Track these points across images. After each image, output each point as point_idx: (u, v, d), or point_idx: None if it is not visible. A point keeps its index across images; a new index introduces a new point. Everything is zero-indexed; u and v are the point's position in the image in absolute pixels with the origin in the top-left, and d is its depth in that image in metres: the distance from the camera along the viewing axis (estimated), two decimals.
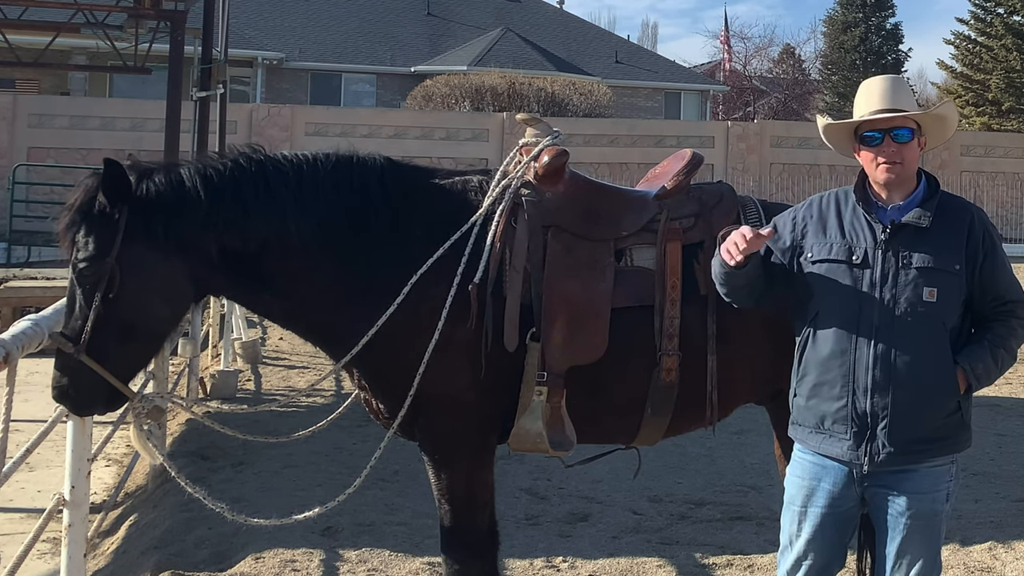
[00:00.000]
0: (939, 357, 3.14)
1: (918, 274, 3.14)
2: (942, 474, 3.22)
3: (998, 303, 3.21)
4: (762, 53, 48.16)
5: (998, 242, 3.28)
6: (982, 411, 8.81)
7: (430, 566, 4.99)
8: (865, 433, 3.15)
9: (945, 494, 3.24)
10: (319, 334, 3.90)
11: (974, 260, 3.19)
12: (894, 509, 3.20)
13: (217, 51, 13.11)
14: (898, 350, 3.12)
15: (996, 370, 3.21)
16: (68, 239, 3.52)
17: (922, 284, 3.14)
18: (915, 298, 3.13)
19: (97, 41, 14.71)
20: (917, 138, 3.24)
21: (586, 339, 3.71)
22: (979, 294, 3.20)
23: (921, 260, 3.15)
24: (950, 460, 3.24)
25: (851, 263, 3.20)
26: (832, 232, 3.27)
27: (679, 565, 5.18)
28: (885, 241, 3.18)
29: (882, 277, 3.16)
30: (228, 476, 6.50)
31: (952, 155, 27.31)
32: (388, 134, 24.18)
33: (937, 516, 3.23)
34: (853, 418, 3.16)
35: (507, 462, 6.25)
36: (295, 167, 3.74)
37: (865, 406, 3.14)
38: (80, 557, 4.26)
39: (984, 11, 35.01)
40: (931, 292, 3.13)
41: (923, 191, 3.26)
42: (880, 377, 3.13)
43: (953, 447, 3.23)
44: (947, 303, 3.15)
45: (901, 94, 3.26)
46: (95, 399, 3.59)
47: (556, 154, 3.85)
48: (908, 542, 3.19)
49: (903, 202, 3.23)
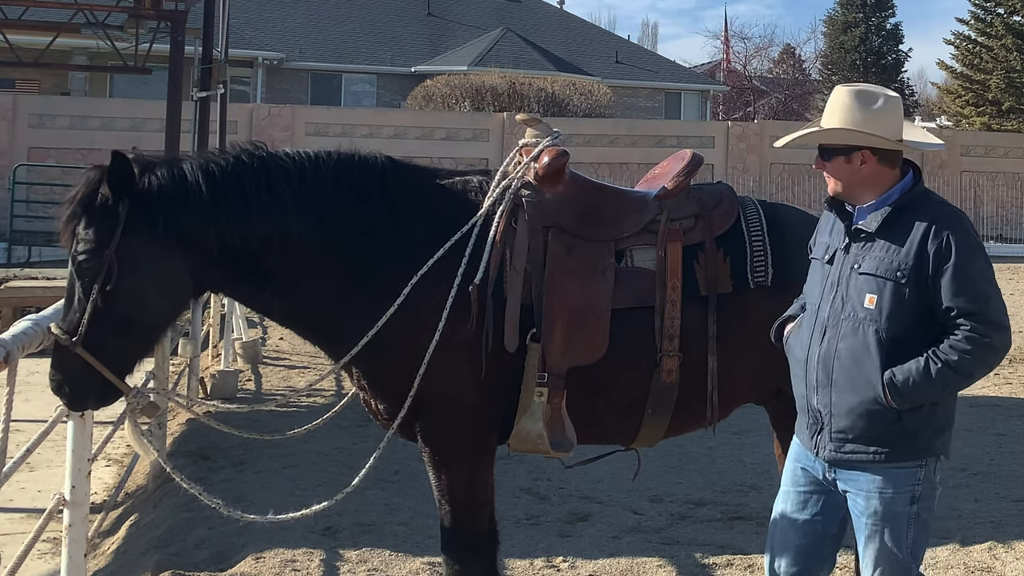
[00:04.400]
0: (870, 366, 3.08)
1: (863, 279, 3.13)
2: (905, 476, 3.15)
3: (952, 316, 3.06)
4: (762, 53, 48.20)
5: (963, 251, 3.07)
6: (982, 411, 8.83)
7: (430, 566, 4.99)
8: (817, 426, 3.24)
9: (910, 497, 3.15)
10: (319, 333, 3.90)
11: (925, 269, 3.06)
12: (856, 507, 3.23)
13: (217, 51, 13.11)
14: (837, 353, 3.15)
15: (931, 386, 3.04)
16: (69, 231, 3.53)
17: (865, 290, 3.11)
18: (858, 303, 3.13)
19: (97, 41, 14.70)
20: (846, 156, 3.16)
21: (586, 340, 3.71)
22: (936, 305, 3.08)
23: (868, 266, 3.13)
24: (916, 464, 3.16)
25: (823, 261, 3.29)
26: (825, 232, 3.35)
27: (679, 565, 5.19)
28: (846, 244, 3.21)
29: (838, 279, 3.20)
30: (228, 476, 6.50)
31: (952, 155, 27.28)
32: (388, 134, 24.17)
33: (898, 518, 3.15)
34: (809, 410, 3.26)
35: (507, 462, 6.25)
36: (297, 165, 3.75)
37: (814, 402, 3.23)
38: (80, 557, 4.26)
39: (984, 11, 35.03)
40: (871, 299, 3.10)
41: (898, 192, 3.18)
42: (822, 376, 3.19)
43: (899, 457, 3.12)
44: (886, 311, 3.07)
45: (849, 111, 3.16)
46: (89, 392, 3.59)
47: (556, 155, 3.85)
48: (872, 541, 3.20)
49: (871, 204, 3.20)
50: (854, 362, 3.11)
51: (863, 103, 3.18)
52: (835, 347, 3.15)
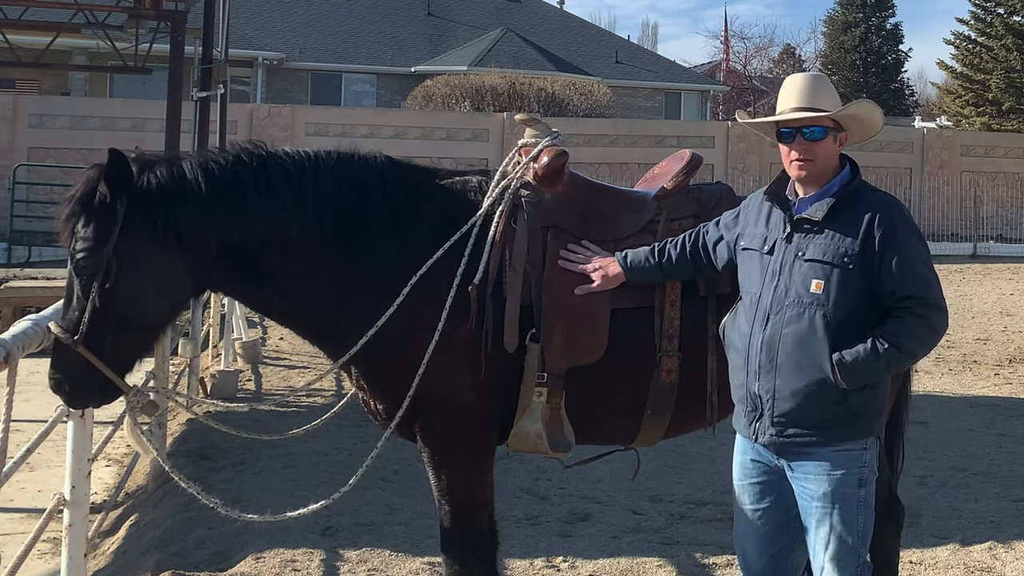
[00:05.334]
0: (818, 348, 3.18)
1: (808, 266, 3.23)
2: (850, 459, 3.25)
3: (895, 299, 3.20)
4: (762, 53, 48.25)
5: (905, 238, 3.23)
6: (982, 411, 8.84)
7: (430, 566, 4.99)
8: (756, 413, 3.31)
9: (857, 479, 3.26)
10: (318, 332, 3.90)
11: (871, 255, 3.19)
12: (805, 492, 3.29)
13: (217, 51, 13.11)
14: (782, 338, 3.23)
15: (879, 367, 3.18)
16: (68, 230, 3.53)
17: (811, 276, 3.22)
18: (803, 289, 3.22)
19: (97, 41, 14.70)
20: (833, 136, 3.31)
21: (586, 340, 3.71)
22: (879, 289, 3.21)
23: (813, 252, 3.24)
24: (860, 446, 3.26)
25: (761, 252, 3.35)
26: (761, 223, 3.42)
27: (679, 565, 5.19)
28: (788, 233, 3.29)
29: (780, 267, 3.28)
30: (228, 476, 6.50)
31: (952, 155, 27.29)
32: (388, 134, 24.17)
33: (847, 499, 3.24)
34: (748, 398, 3.33)
35: (507, 462, 6.25)
36: (296, 164, 3.74)
37: (755, 388, 3.29)
38: (80, 557, 4.26)
39: (984, 11, 35.03)
40: (818, 284, 3.20)
41: (839, 183, 3.32)
42: (765, 362, 3.26)
43: (844, 436, 3.24)
44: (833, 296, 3.19)
45: (818, 92, 3.32)
46: (89, 391, 3.59)
47: (555, 155, 3.85)
48: (822, 525, 3.27)
49: (812, 195, 3.31)
50: (799, 345, 3.21)
51: (828, 89, 3.37)
52: (780, 332, 3.24)
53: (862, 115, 3.39)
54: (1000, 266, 21.30)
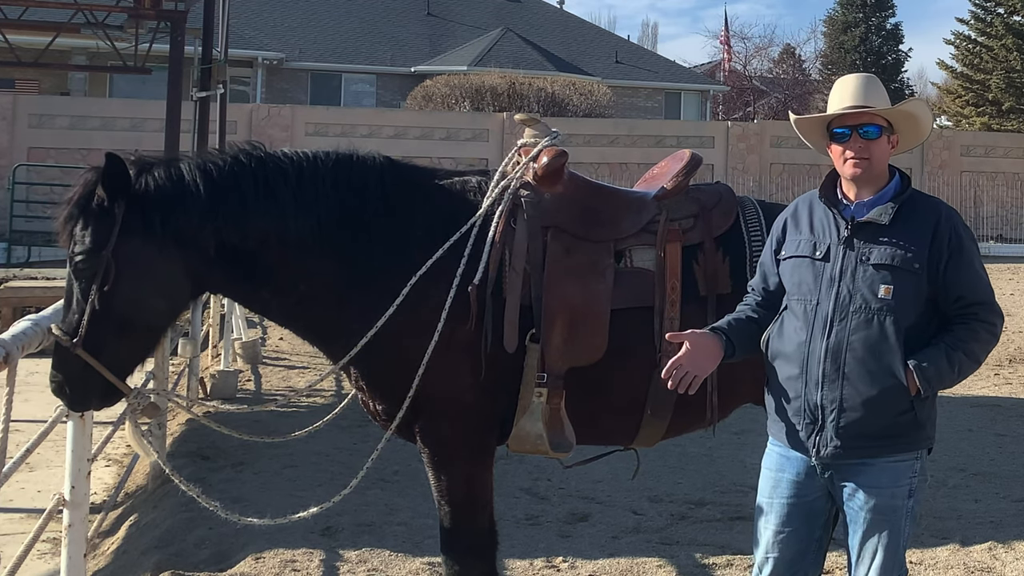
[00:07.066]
0: (890, 355, 3.10)
1: (875, 271, 3.15)
2: (903, 470, 3.19)
3: (961, 304, 3.16)
4: (762, 53, 48.15)
5: (968, 244, 3.21)
6: (982, 411, 8.83)
7: (430, 566, 4.99)
8: (816, 425, 3.18)
9: (907, 490, 3.19)
10: (317, 333, 3.90)
11: (937, 260, 3.14)
12: (853, 503, 3.22)
13: (217, 51, 13.10)
14: (849, 345, 3.14)
15: (952, 374, 3.14)
16: (66, 233, 3.54)
17: (878, 281, 3.13)
18: (870, 294, 3.13)
19: (97, 41, 14.70)
20: (887, 136, 3.25)
21: (586, 340, 3.71)
22: (943, 295, 3.16)
23: (880, 257, 3.15)
24: (913, 456, 3.20)
25: (813, 258, 3.24)
26: (804, 229, 3.31)
27: (679, 565, 5.18)
28: (847, 237, 3.20)
29: (840, 272, 3.18)
30: (228, 476, 6.50)
31: (952, 155, 27.28)
32: (388, 134, 24.17)
33: (897, 512, 3.18)
34: (806, 410, 3.19)
35: (507, 462, 6.25)
36: (295, 164, 3.74)
37: (816, 399, 3.17)
38: (80, 557, 4.25)
39: (984, 11, 35.05)
40: (887, 289, 3.12)
41: (893, 189, 3.25)
42: (830, 371, 3.15)
43: (906, 446, 3.18)
44: (904, 301, 3.12)
45: (873, 92, 3.27)
46: (90, 394, 3.59)
47: (555, 155, 3.85)
48: (868, 536, 3.20)
49: (870, 199, 3.24)
50: (871, 352, 3.11)
51: (881, 90, 3.30)
52: (846, 339, 3.13)
53: (919, 114, 3.32)
54: (1000, 266, 21.26)
